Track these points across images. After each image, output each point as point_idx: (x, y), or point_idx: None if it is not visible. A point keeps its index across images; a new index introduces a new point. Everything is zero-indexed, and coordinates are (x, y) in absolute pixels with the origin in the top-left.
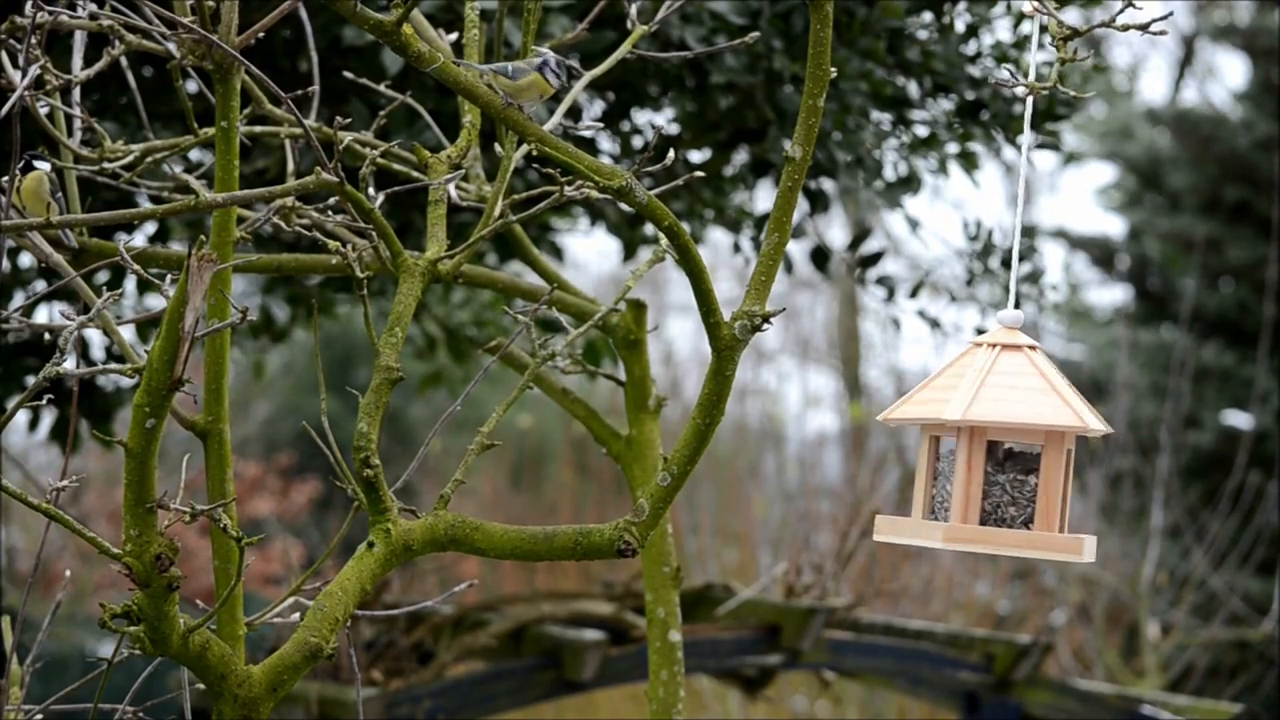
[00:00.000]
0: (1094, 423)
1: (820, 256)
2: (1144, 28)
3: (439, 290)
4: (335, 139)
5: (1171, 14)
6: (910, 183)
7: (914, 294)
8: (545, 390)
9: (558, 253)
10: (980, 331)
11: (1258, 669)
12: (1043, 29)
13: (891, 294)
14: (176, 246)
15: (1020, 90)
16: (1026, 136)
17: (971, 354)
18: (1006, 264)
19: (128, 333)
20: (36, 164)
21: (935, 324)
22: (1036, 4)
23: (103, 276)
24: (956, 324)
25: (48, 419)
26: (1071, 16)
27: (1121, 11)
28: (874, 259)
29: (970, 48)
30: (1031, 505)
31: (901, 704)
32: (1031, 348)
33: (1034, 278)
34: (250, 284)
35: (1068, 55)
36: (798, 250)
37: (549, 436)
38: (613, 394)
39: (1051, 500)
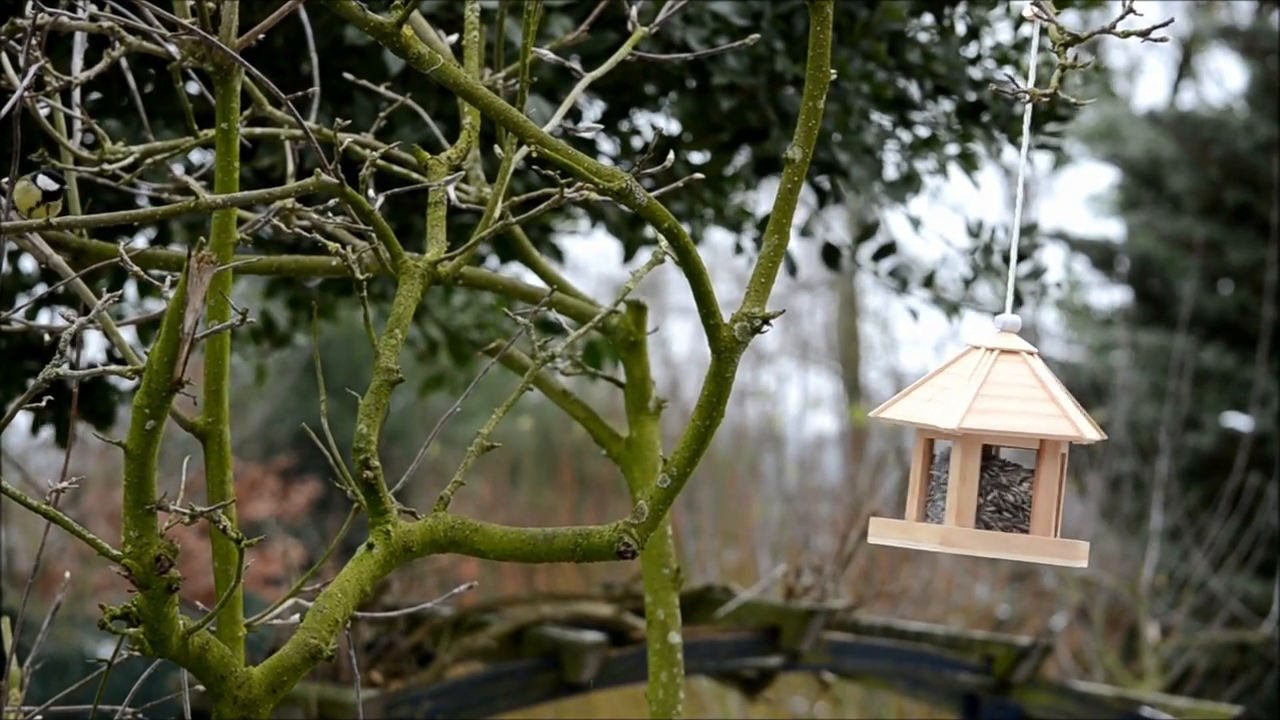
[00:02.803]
0: (1090, 432)
1: (831, 254)
2: (1144, 34)
3: (440, 293)
4: (335, 140)
5: (1172, 20)
6: (911, 182)
7: (927, 283)
8: (545, 392)
9: (558, 254)
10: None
11: (1257, 671)
12: (1042, 32)
13: (905, 285)
14: (177, 248)
15: (1022, 95)
16: (1026, 139)
17: (968, 357)
18: (1008, 261)
19: (128, 334)
20: (41, 182)
21: (953, 309)
22: (1036, 10)
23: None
24: (965, 308)
25: (49, 431)
26: (1069, 19)
27: (1122, 18)
28: (886, 250)
29: (971, 50)
30: (1026, 510)
31: (901, 706)
32: (1030, 353)
33: (1035, 275)
34: (251, 287)
35: (1069, 62)
36: (800, 251)
37: (526, 441)
38: (611, 396)
39: (1047, 506)
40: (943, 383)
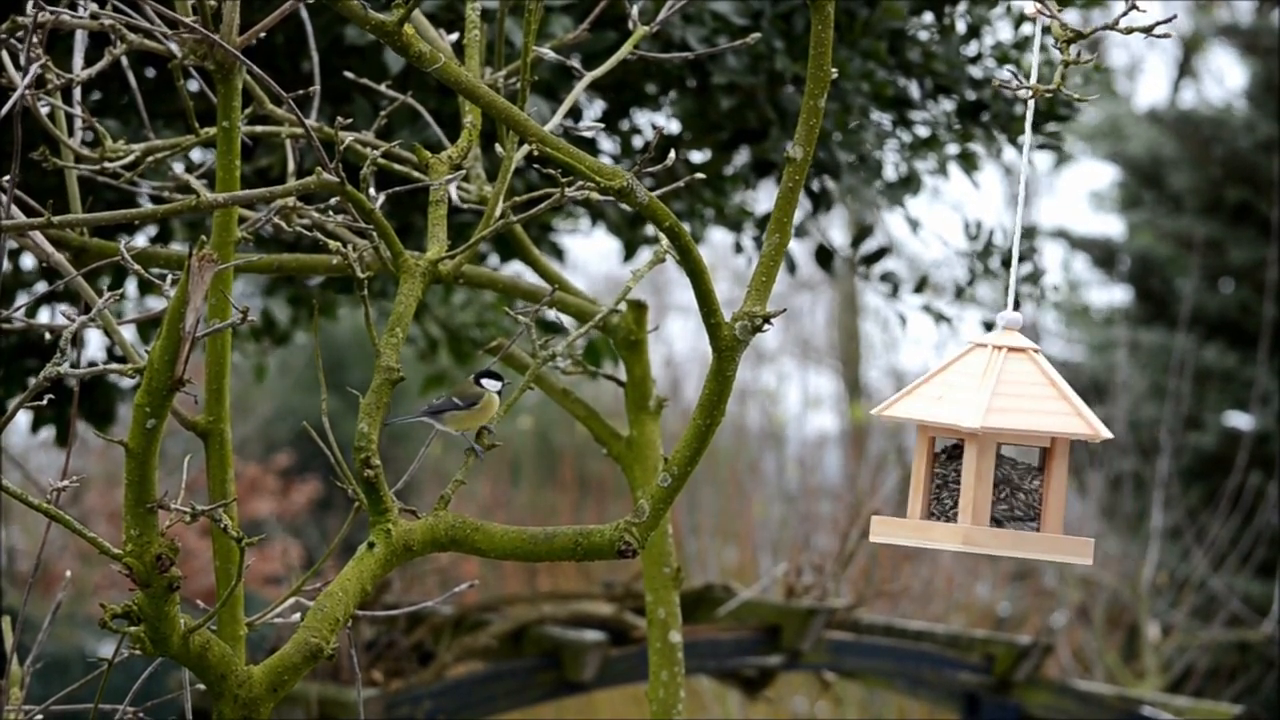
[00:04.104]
0: (1103, 429)
1: (824, 255)
2: (1147, 30)
3: (440, 291)
4: (336, 139)
5: (1175, 17)
6: (911, 183)
7: (919, 289)
8: (546, 391)
9: (559, 253)
10: (988, 327)
11: (1258, 670)
12: (1045, 30)
13: (896, 290)
14: (178, 247)
15: (1023, 93)
16: (1028, 138)
17: (974, 355)
18: (1007, 264)
19: (128, 333)
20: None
21: (940, 318)
22: (1039, 6)
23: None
24: (959, 315)
25: (50, 430)
26: (1070, 17)
27: (1125, 14)
28: (878, 255)
29: (971, 49)
30: (1036, 508)
31: (901, 705)
32: (1035, 351)
33: (1034, 278)
34: (251, 285)
35: (1071, 59)
36: (800, 250)
37: (527, 441)
38: (615, 396)
39: (1057, 503)
40: (949, 380)
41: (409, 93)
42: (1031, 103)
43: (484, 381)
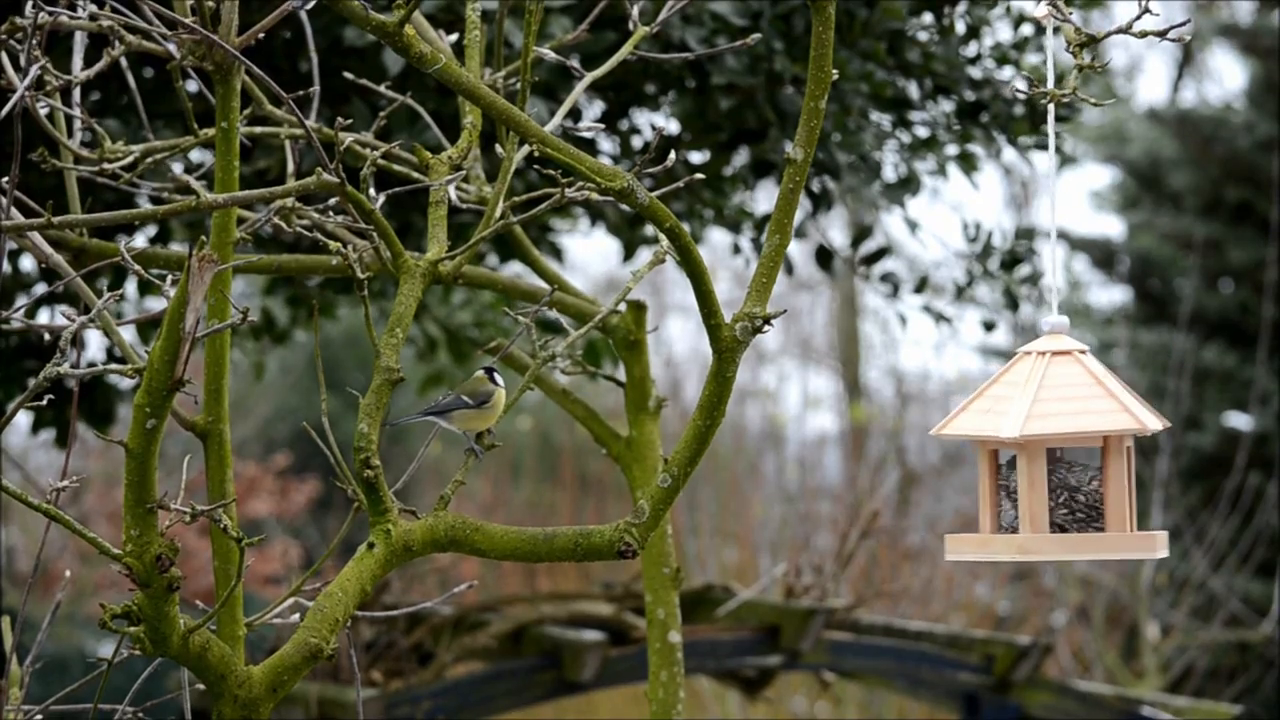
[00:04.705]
0: (1152, 422)
1: (824, 256)
2: (1162, 34)
3: (440, 291)
4: (336, 140)
5: (1188, 22)
6: (910, 183)
7: (918, 289)
8: (545, 391)
9: (558, 254)
10: (989, 327)
11: (1257, 670)
12: (1055, 30)
13: (895, 291)
14: (177, 247)
15: (1042, 96)
16: (1051, 140)
17: (1021, 364)
18: (1005, 266)
19: (128, 333)
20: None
21: (940, 318)
22: (1052, 9)
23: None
24: (959, 315)
25: (49, 432)
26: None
27: (1138, 18)
28: (878, 256)
29: (970, 49)
30: (1099, 508)
31: (901, 705)
32: (1082, 351)
33: (1033, 279)
34: (251, 285)
35: (1085, 63)
36: (799, 251)
37: (527, 441)
38: (615, 396)
39: (1119, 500)
40: (998, 393)
41: (408, 94)
42: (1051, 108)
43: (495, 377)
